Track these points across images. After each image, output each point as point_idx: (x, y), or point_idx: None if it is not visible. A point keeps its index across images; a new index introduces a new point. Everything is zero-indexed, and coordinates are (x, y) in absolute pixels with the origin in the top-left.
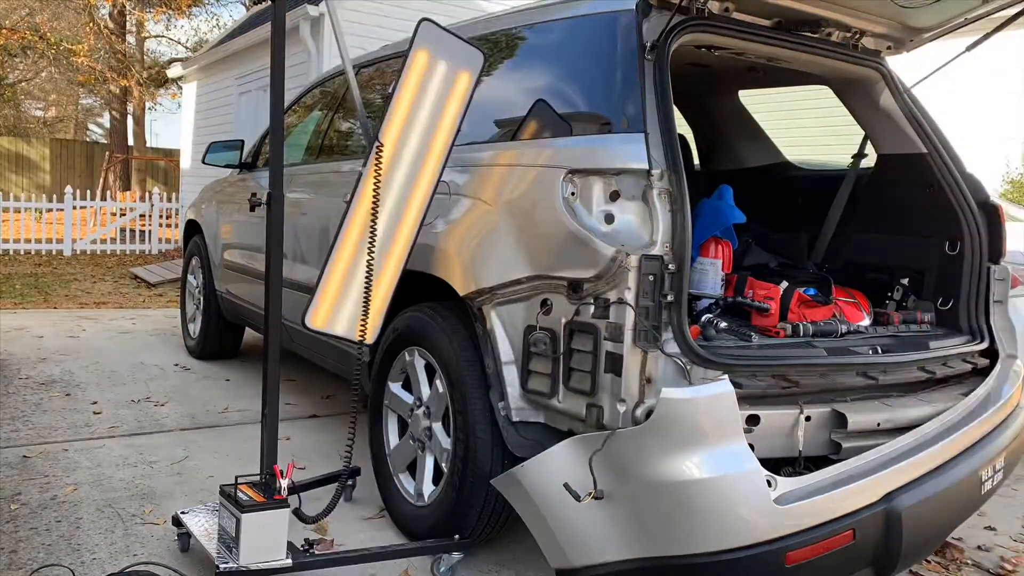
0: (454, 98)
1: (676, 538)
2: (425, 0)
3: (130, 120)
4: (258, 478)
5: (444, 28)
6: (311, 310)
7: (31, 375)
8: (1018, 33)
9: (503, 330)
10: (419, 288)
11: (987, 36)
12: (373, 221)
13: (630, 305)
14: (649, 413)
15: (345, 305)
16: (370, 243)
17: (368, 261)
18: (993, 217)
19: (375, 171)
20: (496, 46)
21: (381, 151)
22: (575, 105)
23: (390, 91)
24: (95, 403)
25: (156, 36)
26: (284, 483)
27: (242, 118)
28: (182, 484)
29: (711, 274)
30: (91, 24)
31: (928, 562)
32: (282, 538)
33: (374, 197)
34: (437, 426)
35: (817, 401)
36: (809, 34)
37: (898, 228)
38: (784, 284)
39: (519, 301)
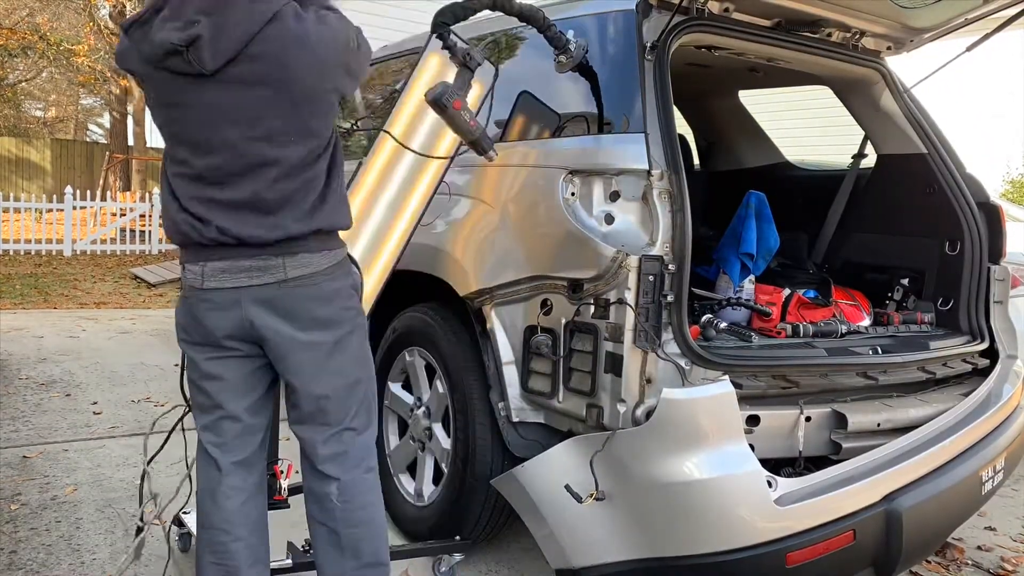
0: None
1: (677, 539)
2: (424, 0)
3: (130, 120)
4: None
5: (458, 37)
6: None
7: (31, 375)
8: (1019, 33)
9: (503, 330)
10: (419, 288)
11: (987, 36)
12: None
13: (630, 305)
14: (649, 413)
15: None
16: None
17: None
18: (993, 217)
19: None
20: (496, 46)
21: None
22: (575, 105)
23: (399, 87)
24: (95, 403)
25: None
26: (284, 483)
27: None
28: (182, 484)
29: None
30: (91, 24)
31: (928, 562)
32: (282, 538)
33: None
34: (437, 426)
35: (817, 401)
36: (809, 34)
37: (898, 228)
38: (787, 291)
39: (519, 301)
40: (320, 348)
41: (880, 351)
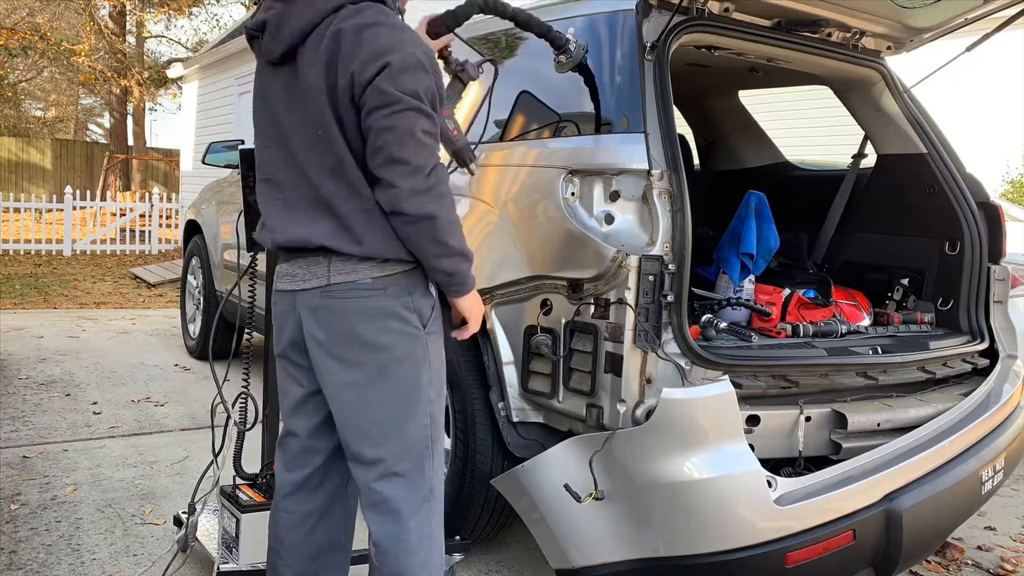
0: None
1: (676, 538)
2: (425, 0)
3: (130, 120)
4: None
5: (459, 37)
6: None
7: (31, 375)
8: (1019, 33)
9: (503, 330)
10: None
11: (987, 36)
12: None
13: (630, 305)
14: (649, 413)
15: None
16: None
17: None
18: (993, 217)
19: None
20: (496, 46)
21: None
22: (575, 105)
23: None
24: (95, 403)
25: (156, 36)
26: None
27: (242, 118)
28: (182, 484)
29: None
30: (91, 24)
31: (928, 562)
32: None
33: None
34: None
35: (817, 401)
36: (809, 34)
37: (898, 228)
38: (787, 291)
39: (519, 301)
40: (359, 372)
41: (880, 351)
